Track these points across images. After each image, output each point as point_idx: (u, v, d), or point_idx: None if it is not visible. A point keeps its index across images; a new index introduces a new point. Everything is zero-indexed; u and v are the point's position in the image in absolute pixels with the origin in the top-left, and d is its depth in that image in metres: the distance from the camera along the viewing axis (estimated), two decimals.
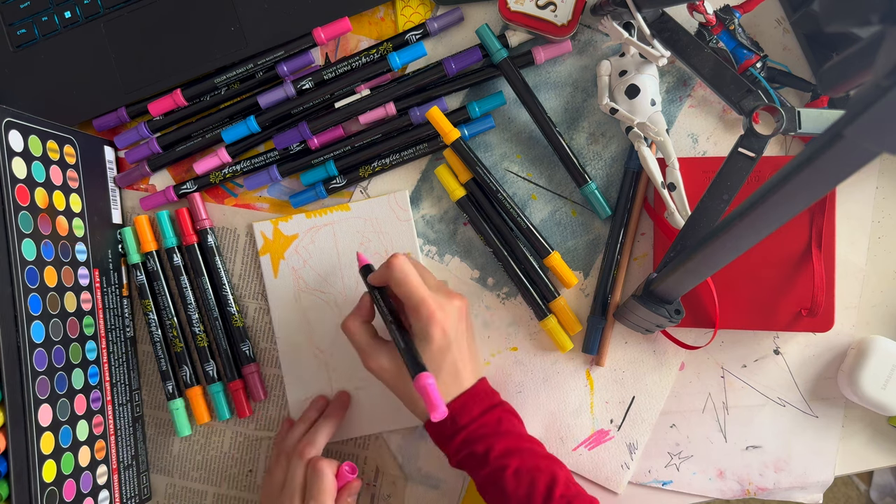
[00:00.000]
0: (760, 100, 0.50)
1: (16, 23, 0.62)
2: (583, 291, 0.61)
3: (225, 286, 0.62)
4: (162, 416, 0.64)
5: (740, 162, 0.49)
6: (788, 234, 0.55)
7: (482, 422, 0.50)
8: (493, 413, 0.51)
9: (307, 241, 0.62)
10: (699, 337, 0.59)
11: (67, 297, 0.55)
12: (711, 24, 0.55)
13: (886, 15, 0.28)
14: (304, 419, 0.59)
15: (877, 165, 0.59)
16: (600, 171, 0.61)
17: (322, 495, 0.52)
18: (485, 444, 0.49)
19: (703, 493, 0.60)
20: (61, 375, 0.53)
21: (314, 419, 0.59)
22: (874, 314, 0.59)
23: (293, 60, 0.61)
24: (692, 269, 0.46)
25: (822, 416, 0.59)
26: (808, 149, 0.34)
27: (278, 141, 0.62)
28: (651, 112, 0.56)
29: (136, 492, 0.61)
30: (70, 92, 0.63)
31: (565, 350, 0.59)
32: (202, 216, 0.63)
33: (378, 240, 0.61)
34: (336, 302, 0.62)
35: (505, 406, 0.53)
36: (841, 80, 0.36)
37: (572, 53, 0.61)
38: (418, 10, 0.62)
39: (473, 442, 0.50)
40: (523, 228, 0.59)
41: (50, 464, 0.51)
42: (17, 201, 0.51)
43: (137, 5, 0.62)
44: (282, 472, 0.56)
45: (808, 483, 0.59)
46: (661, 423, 0.60)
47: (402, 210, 0.61)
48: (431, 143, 0.61)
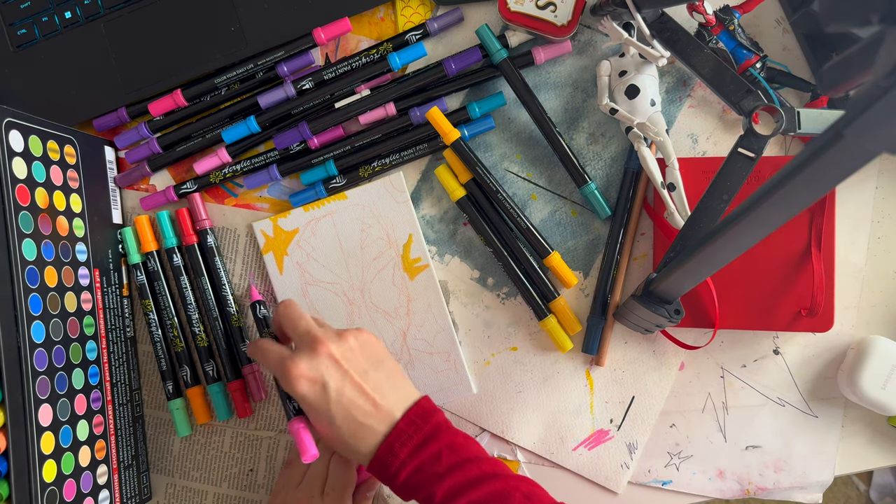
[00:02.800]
0: (760, 100, 0.50)
1: (16, 23, 0.62)
2: (583, 291, 0.61)
3: (225, 286, 0.63)
4: (162, 416, 0.64)
5: (740, 162, 0.49)
6: (788, 234, 0.55)
7: (415, 465, 0.46)
8: (427, 450, 0.46)
9: (308, 234, 0.62)
10: (699, 337, 0.60)
11: (68, 297, 0.55)
12: (711, 24, 0.55)
13: (886, 15, 0.29)
14: None
15: (877, 165, 0.59)
16: (600, 171, 0.61)
17: (343, 489, 0.52)
18: (426, 490, 0.46)
19: (702, 493, 0.60)
20: (61, 375, 0.53)
21: None
22: (874, 314, 0.59)
23: (293, 60, 0.61)
24: (692, 269, 0.46)
25: (822, 416, 0.59)
26: (808, 149, 0.34)
27: (278, 141, 0.62)
28: (651, 112, 0.56)
29: (136, 492, 0.61)
30: (70, 92, 0.63)
31: (565, 350, 0.59)
32: (202, 216, 0.63)
33: (378, 224, 0.61)
34: (344, 291, 0.62)
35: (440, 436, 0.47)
36: (841, 80, 0.36)
37: (572, 54, 0.61)
38: (418, 10, 0.62)
39: (414, 489, 0.46)
40: (523, 228, 0.59)
41: (50, 464, 0.51)
42: (18, 201, 0.51)
43: (137, 5, 0.62)
44: (303, 465, 0.56)
45: (808, 483, 0.59)
46: (661, 423, 0.60)
47: (398, 192, 0.61)
48: (431, 143, 0.61)
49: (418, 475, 0.46)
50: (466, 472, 0.46)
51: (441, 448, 0.46)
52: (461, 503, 0.45)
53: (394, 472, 0.46)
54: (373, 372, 0.49)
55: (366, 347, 0.50)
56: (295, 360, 0.48)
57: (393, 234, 0.61)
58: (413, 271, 0.61)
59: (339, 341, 0.49)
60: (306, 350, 0.48)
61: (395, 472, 0.46)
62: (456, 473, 0.46)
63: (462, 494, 0.45)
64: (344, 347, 0.49)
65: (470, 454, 0.47)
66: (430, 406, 0.49)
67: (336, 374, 0.48)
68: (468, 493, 0.45)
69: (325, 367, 0.47)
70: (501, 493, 0.45)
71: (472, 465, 0.46)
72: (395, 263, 0.61)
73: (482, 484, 0.45)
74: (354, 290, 0.62)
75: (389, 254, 0.61)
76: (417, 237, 0.61)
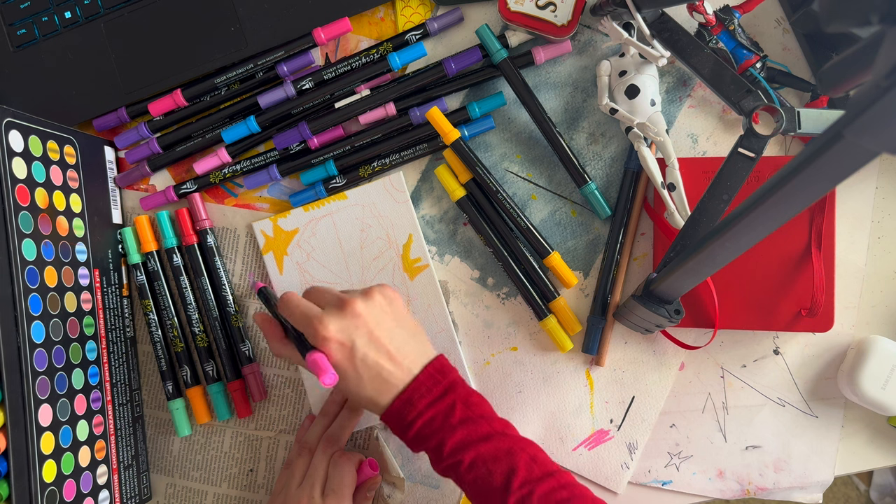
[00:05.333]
0: (760, 100, 0.50)
1: (16, 23, 0.62)
2: (583, 291, 0.61)
3: (225, 286, 0.63)
4: (162, 416, 0.64)
5: (740, 162, 0.49)
6: (788, 234, 0.55)
7: (430, 415, 0.48)
8: (443, 402, 0.48)
9: (308, 234, 0.62)
10: (699, 337, 0.60)
11: (68, 298, 0.55)
12: (711, 24, 0.55)
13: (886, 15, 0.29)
14: (324, 413, 0.59)
15: (877, 165, 0.59)
16: (600, 171, 0.61)
17: (343, 489, 0.53)
18: (436, 439, 0.47)
19: (702, 493, 0.60)
20: (61, 375, 0.53)
21: (335, 413, 0.59)
22: (874, 314, 0.59)
23: (293, 60, 0.61)
24: (692, 269, 0.46)
25: (822, 416, 0.59)
26: (808, 149, 0.34)
27: (278, 141, 0.62)
28: (651, 112, 0.56)
29: (136, 492, 0.61)
30: (70, 92, 0.63)
31: (565, 350, 0.59)
32: (202, 216, 0.63)
33: (378, 224, 0.61)
34: None
35: (457, 390, 0.49)
36: (841, 80, 0.36)
37: (572, 53, 0.61)
38: (418, 10, 0.62)
39: (426, 438, 0.48)
40: (523, 228, 0.59)
41: (50, 464, 0.51)
42: (18, 201, 0.51)
43: (137, 5, 0.62)
44: (304, 465, 0.56)
45: (808, 483, 0.59)
46: (661, 423, 0.60)
47: (398, 192, 0.61)
48: (431, 143, 0.61)
49: (431, 425, 0.48)
50: (478, 427, 0.47)
51: (456, 401, 0.48)
52: (469, 454, 0.46)
53: (410, 421, 0.48)
54: (397, 330, 0.50)
55: (392, 304, 0.51)
56: (324, 321, 0.48)
57: (393, 234, 0.61)
58: (413, 271, 0.61)
59: (367, 299, 0.50)
60: (334, 309, 0.49)
61: (412, 421, 0.48)
62: (468, 426, 0.47)
63: (471, 447, 0.47)
64: (371, 305, 0.50)
65: (483, 412, 0.49)
66: (447, 363, 0.51)
67: (364, 333, 0.49)
68: (477, 446, 0.47)
69: (354, 327, 0.48)
70: (508, 451, 0.47)
71: (483, 421, 0.48)
72: (395, 263, 0.61)
73: (491, 440, 0.47)
74: (355, 289, 0.62)
75: (389, 254, 0.61)
76: (417, 237, 0.61)
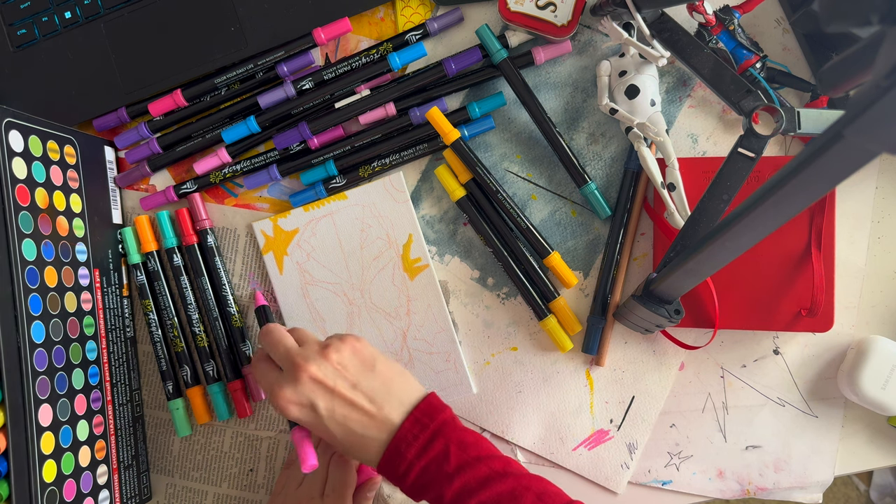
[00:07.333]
0: (760, 100, 0.50)
1: (16, 23, 0.62)
2: (583, 291, 0.61)
3: (225, 286, 0.63)
4: (162, 416, 0.64)
5: (740, 162, 0.49)
6: (788, 234, 0.55)
7: (422, 465, 0.45)
8: (433, 449, 0.45)
9: (308, 234, 0.62)
10: (699, 337, 0.60)
11: (68, 298, 0.55)
12: (711, 24, 0.55)
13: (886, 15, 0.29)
14: None
15: (877, 165, 0.59)
16: (600, 171, 0.61)
17: (343, 489, 0.52)
18: (434, 490, 0.45)
19: (702, 492, 0.60)
20: (61, 375, 0.53)
21: None
22: (874, 314, 0.59)
23: (293, 61, 0.61)
24: (692, 269, 0.46)
25: (822, 416, 0.59)
26: (808, 149, 0.34)
27: (278, 141, 0.62)
28: (651, 112, 0.56)
29: (136, 492, 0.61)
30: (70, 92, 0.63)
31: (565, 350, 0.59)
32: (202, 216, 0.63)
33: (378, 224, 0.61)
34: (344, 291, 0.62)
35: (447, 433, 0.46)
36: (841, 80, 0.36)
37: (572, 54, 0.61)
38: (418, 10, 0.62)
39: (423, 489, 0.45)
40: (523, 228, 0.59)
41: (50, 464, 0.51)
42: (18, 201, 0.51)
43: (137, 5, 0.62)
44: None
45: (808, 483, 0.59)
46: (661, 423, 0.60)
47: (398, 192, 0.61)
48: (431, 143, 0.61)
49: (426, 475, 0.45)
50: (476, 471, 0.45)
51: (449, 446, 0.45)
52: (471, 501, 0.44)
53: (402, 474, 0.45)
54: (364, 381, 0.47)
55: (353, 356, 0.48)
56: (281, 386, 0.47)
57: (393, 234, 0.61)
58: (413, 271, 0.61)
59: (321, 360, 0.47)
60: (289, 376, 0.47)
61: (404, 473, 0.45)
62: (465, 473, 0.44)
63: (471, 495, 0.44)
64: (325, 366, 0.47)
65: (480, 452, 0.46)
66: (436, 403, 0.48)
67: (322, 393, 0.47)
68: (478, 493, 0.44)
69: (310, 391, 0.46)
70: (512, 493, 0.44)
71: (482, 463, 0.45)
72: (395, 263, 0.61)
73: (492, 484, 0.44)
74: (354, 290, 0.62)
75: (389, 254, 0.61)
76: (417, 237, 0.61)
